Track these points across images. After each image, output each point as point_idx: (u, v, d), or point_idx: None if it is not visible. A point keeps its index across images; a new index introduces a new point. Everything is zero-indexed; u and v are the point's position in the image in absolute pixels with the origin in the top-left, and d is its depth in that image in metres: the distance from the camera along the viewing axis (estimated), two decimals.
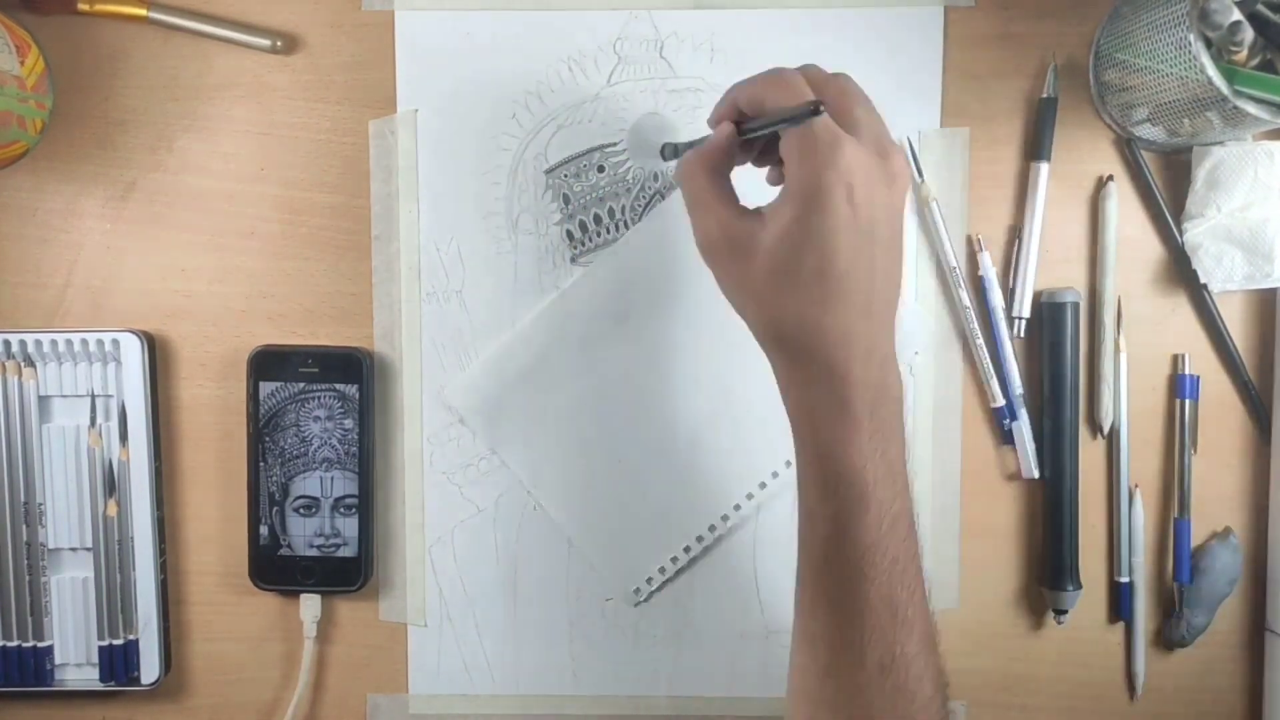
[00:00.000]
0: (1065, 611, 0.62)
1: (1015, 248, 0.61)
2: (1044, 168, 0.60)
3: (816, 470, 0.47)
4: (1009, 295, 0.61)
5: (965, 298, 0.61)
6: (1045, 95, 0.60)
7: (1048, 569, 0.62)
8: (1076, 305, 0.61)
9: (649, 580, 0.63)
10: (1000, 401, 0.61)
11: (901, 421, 0.48)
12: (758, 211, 0.47)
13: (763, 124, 0.47)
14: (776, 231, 0.45)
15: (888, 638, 0.46)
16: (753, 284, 0.47)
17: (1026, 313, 0.61)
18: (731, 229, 0.47)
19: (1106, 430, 0.62)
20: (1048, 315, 0.61)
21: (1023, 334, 0.61)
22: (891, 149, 0.47)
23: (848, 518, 0.46)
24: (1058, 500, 0.61)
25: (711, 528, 0.62)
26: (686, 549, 0.62)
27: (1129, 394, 0.62)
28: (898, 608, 0.46)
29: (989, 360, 0.61)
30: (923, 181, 0.61)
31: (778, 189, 0.47)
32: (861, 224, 0.45)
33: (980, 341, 0.61)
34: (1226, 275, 0.59)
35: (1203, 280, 0.60)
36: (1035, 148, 0.60)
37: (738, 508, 0.62)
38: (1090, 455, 0.62)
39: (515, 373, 0.62)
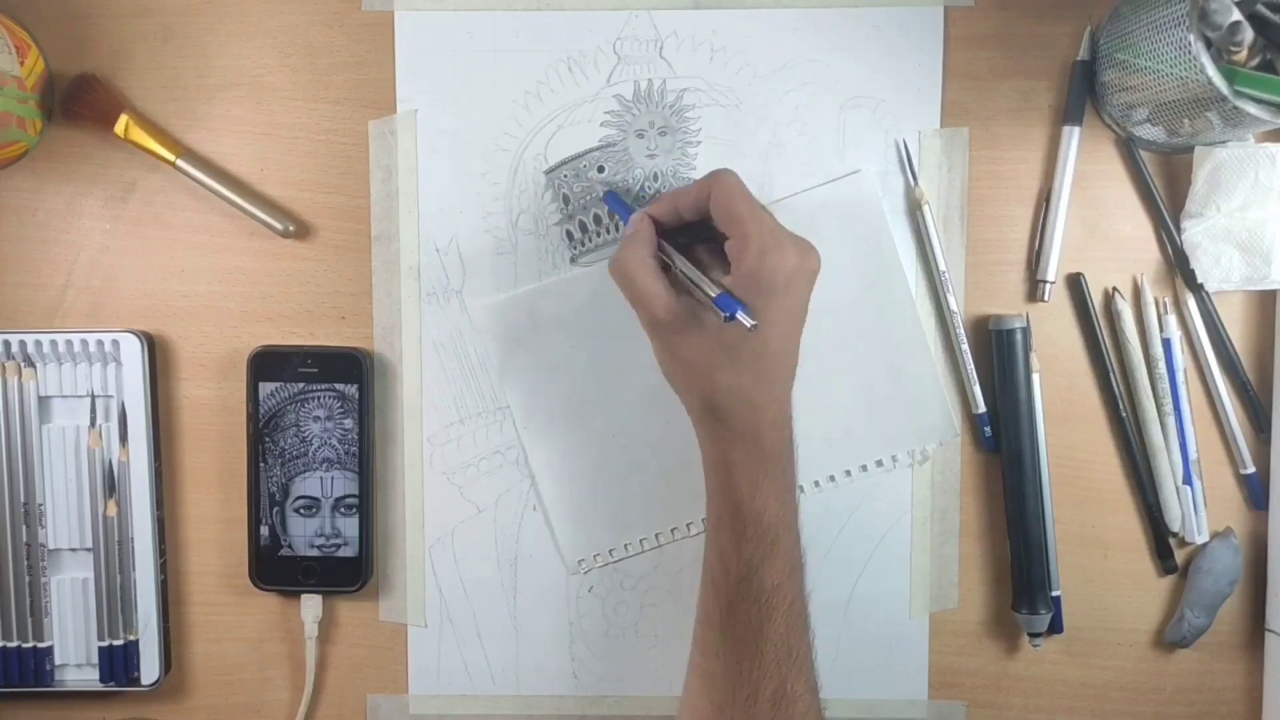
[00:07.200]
0: (1040, 635, 0.61)
1: (1043, 211, 0.61)
2: (1075, 132, 0.60)
3: (733, 519, 0.53)
4: (1034, 262, 0.61)
5: (954, 303, 0.61)
6: (1080, 59, 0.60)
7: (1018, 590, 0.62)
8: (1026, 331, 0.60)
9: (595, 556, 0.63)
10: (982, 408, 0.61)
11: (795, 477, 0.55)
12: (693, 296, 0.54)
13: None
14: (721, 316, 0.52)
15: (781, 674, 0.52)
16: (693, 357, 0.53)
17: (1053, 277, 0.60)
18: (673, 312, 0.53)
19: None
20: (1000, 341, 0.60)
21: (1049, 297, 0.61)
22: (809, 248, 0.53)
23: (760, 561, 0.52)
24: (1022, 519, 0.61)
25: (674, 530, 0.63)
26: (642, 541, 0.63)
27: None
28: (792, 647, 0.52)
29: (973, 367, 0.61)
30: (916, 185, 0.61)
31: None
32: (790, 313, 0.53)
33: (965, 347, 0.61)
34: (1224, 276, 0.59)
35: (1200, 280, 0.60)
36: (1067, 111, 0.60)
37: (696, 525, 0.62)
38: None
39: (546, 314, 0.62)
